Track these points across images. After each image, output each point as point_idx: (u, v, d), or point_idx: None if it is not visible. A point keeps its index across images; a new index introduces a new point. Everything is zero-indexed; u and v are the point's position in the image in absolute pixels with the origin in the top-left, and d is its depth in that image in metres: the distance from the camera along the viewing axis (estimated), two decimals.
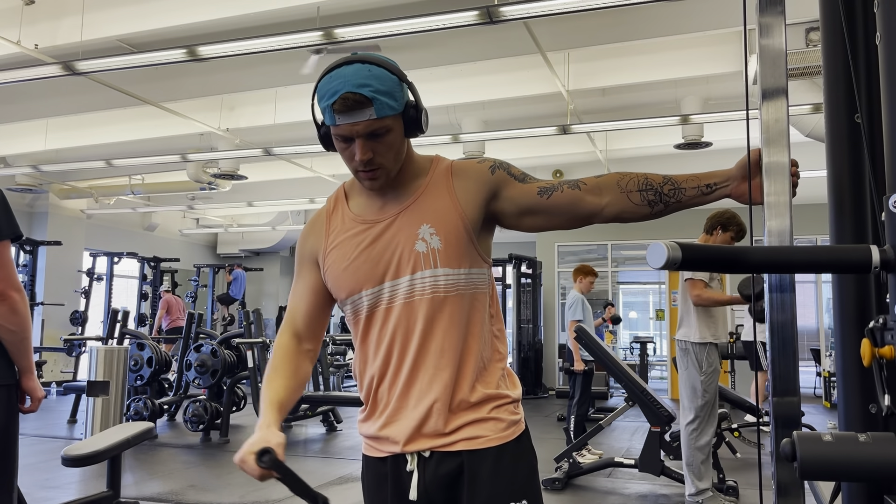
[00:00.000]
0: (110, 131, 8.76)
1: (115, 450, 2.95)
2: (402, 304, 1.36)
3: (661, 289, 12.71)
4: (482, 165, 1.43)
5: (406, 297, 1.36)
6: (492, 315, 1.44)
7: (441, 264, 1.35)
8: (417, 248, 1.36)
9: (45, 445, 6.34)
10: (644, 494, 4.73)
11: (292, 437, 6.94)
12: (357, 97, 1.26)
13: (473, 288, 1.39)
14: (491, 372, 1.40)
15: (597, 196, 1.37)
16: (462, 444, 1.35)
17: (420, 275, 1.36)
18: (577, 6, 4.51)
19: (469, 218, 1.38)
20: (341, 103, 1.27)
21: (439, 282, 1.36)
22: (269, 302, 15.81)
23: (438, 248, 1.36)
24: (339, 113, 1.28)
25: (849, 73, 1.30)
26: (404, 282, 1.36)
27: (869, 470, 0.96)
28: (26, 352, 2.18)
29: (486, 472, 1.34)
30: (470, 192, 1.39)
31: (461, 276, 1.37)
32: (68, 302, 11.52)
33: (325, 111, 1.30)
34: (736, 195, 1.35)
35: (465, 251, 1.37)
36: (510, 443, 1.38)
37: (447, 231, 1.36)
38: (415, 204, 1.39)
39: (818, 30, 2.41)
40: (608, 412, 6.23)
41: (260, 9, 5.43)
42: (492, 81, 7.08)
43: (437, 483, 1.35)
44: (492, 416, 1.37)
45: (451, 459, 1.35)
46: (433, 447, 1.35)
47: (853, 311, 1.28)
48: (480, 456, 1.35)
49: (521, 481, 1.37)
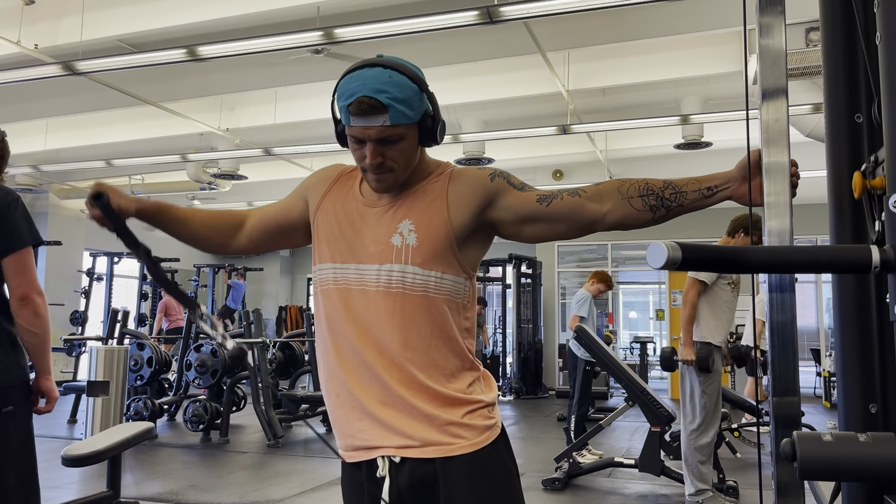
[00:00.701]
0: (110, 131, 8.77)
1: (115, 450, 2.95)
2: (366, 291, 1.36)
3: (661, 289, 12.70)
4: (482, 172, 1.43)
5: (371, 284, 1.36)
6: (466, 329, 1.42)
7: (411, 262, 1.35)
8: (392, 241, 1.36)
9: (45, 445, 6.32)
10: (644, 494, 4.73)
11: (292, 436, 6.94)
12: (373, 102, 1.27)
13: (446, 294, 1.37)
14: (461, 379, 1.38)
15: (598, 203, 1.36)
16: (433, 451, 1.32)
17: (388, 267, 1.35)
18: (577, 6, 4.51)
19: (455, 224, 1.37)
20: (357, 106, 1.28)
21: (406, 279, 1.35)
22: (269, 302, 15.81)
23: (412, 246, 1.35)
24: (354, 115, 1.29)
25: (849, 73, 1.30)
26: (371, 269, 1.36)
27: (869, 470, 0.96)
28: (45, 353, 2.26)
29: (461, 480, 1.32)
30: (463, 198, 1.38)
31: (431, 279, 1.35)
32: (68, 302, 11.52)
33: (342, 110, 1.32)
34: (736, 196, 1.34)
35: (441, 255, 1.36)
36: (486, 448, 1.35)
37: (426, 231, 1.36)
38: (407, 199, 1.39)
39: (818, 30, 2.41)
40: (608, 412, 6.23)
41: (260, 9, 5.43)
42: (492, 81, 7.09)
43: (412, 490, 1.34)
44: (464, 422, 1.34)
45: (424, 466, 1.33)
46: (403, 453, 1.33)
47: (853, 311, 1.28)
48: (454, 463, 1.32)
49: (498, 487, 1.36)
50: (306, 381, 8.63)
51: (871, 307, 1.25)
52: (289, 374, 8.16)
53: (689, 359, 4.06)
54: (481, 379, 1.42)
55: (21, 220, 2.15)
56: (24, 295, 2.13)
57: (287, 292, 16.92)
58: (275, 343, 8.10)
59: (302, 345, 8.42)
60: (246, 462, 5.77)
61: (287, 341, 8.25)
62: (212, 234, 1.55)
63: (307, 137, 8.47)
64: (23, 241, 2.14)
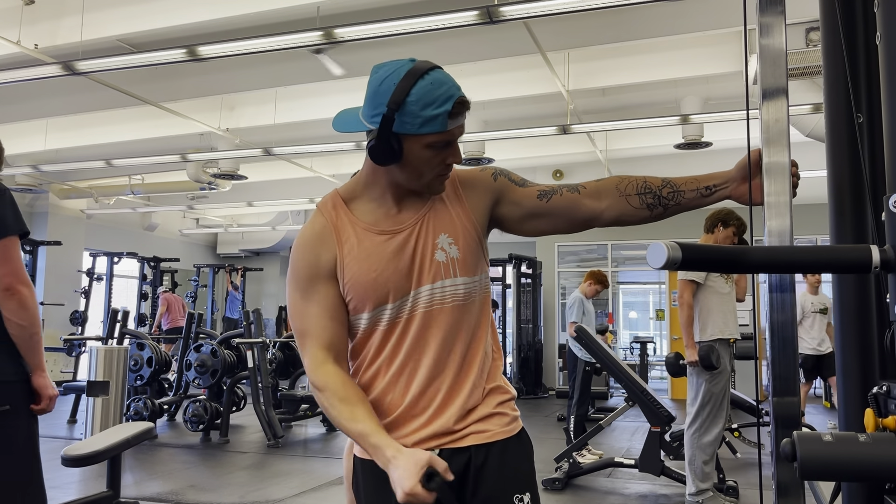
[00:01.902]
0: (110, 131, 8.76)
1: (115, 450, 2.95)
2: (422, 314, 1.36)
3: (661, 289, 12.70)
4: (484, 174, 1.45)
5: (426, 306, 1.36)
6: (490, 313, 1.48)
7: (460, 273, 1.38)
8: (437, 258, 1.37)
9: (45, 445, 6.30)
10: (644, 494, 4.73)
11: (292, 437, 6.94)
12: (467, 100, 1.30)
13: (483, 291, 1.43)
14: (495, 368, 1.44)
15: (596, 200, 1.38)
16: (471, 439, 1.36)
17: (440, 284, 1.36)
18: (577, 6, 4.51)
19: (480, 226, 1.42)
20: (459, 107, 1.28)
21: (459, 290, 1.37)
22: (269, 302, 15.80)
23: (457, 258, 1.37)
24: (454, 117, 1.28)
25: (849, 73, 1.29)
26: (425, 291, 1.36)
27: (869, 470, 0.96)
28: (36, 347, 2.16)
29: (493, 464, 1.36)
30: (478, 201, 1.42)
31: (475, 283, 1.40)
32: (68, 302, 11.51)
33: (436, 119, 1.25)
34: (736, 196, 1.35)
35: (478, 259, 1.42)
36: (513, 437, 1.40)
37: (464, 241, 1.39)
38: (431, 213, 1.39)
39: (818, 30, 2.41)
40: (608, 412, 6.23)
41: (260, 9, 5.43)
42: (492, 81, 7.08)
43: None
44: (497, 412, 1.40)
45: (460, 455, 1.35)
46: (442, 444, 1.35)
47: (853, 311, 1.28)
48: (487, 449, 1.36)
49: (525, 475, 1.40)
50: (306, 381, 8.63)
51: (871, 307, 1.25)
52: (289, 374, 8.17)
53: (693, 360, 4.07)
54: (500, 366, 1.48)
55: (7, 210, 2.10)
56: (10, 285, 2.07)
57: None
58: (275, 343, 8.10)
59: None
60: (246, 462, 5.76)
61: (287, 341, 8.25)
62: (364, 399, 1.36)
63: (307, 137, 8.47)
64: (8, 229, 2.08)
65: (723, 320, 4.14)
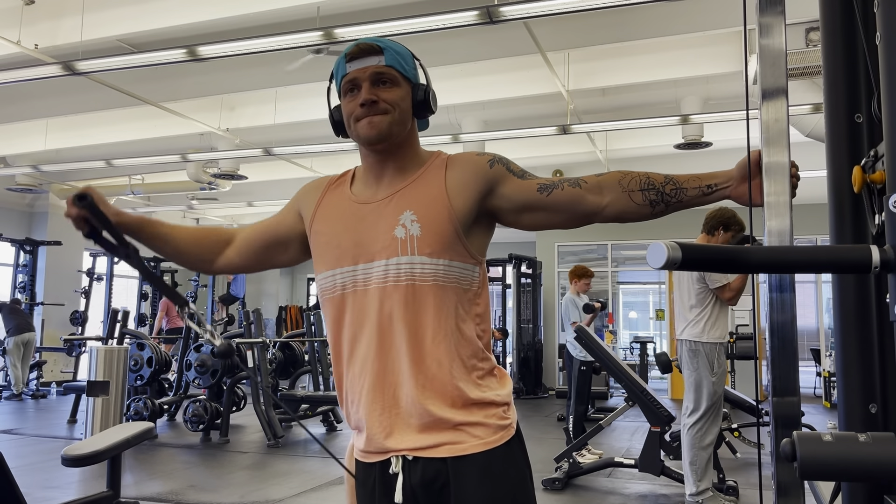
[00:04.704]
0: (110, 131, 8.77)
1: (115, 450, 2.95)
2: (376, 289, 1.33)
3: (661, 289, 12.71)
4: (481, 158, 1.40)
5: (380, 281, 1.33)
6: (479, 314, 1.39)
7: (418, 252, 1.31)
8: (396, 234, 1.33)
9: (45, 445, 6.34)
10: (644, 494, 4.73)
11: (292, 437, 6.94)
12: (370, 45, 1.34)
13: (455, 282, 1.34)
14: (476, 373, 1.35)
15: (598, 195, 1.36)
16: (444, 450, 1.30)
17: (395, 260, 1.32)
18: (577, 6, 4.51)
19: (457, 209, 1.34)
20: (355, 49, 1.34)
21: (415, 269, 1.31)
22: (269, 302, 15.81)
23: (417, 236, 1.32)
24: (350, 60, 1.34)
25: (849, 73, 1.29)
26: (378, 266, 1.33)
27: (869, 470, 0.96)
28: None
29: (473, 480, 1.29)
30: (462, 183, 1.36)
31: (440, 267, 1.32)
32: (68, 302, 11.52)
33: (339, 67, 1.36)
34: (736, 196, 1.34)
35: (447, 242, 1.33)
36: (499, 448, 1.32)
37: (429, 219, 1.33)
38: (404, 190, 1.37)
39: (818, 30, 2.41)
40: (608, 412, 6.23)
41: (260, 9, 5.44)
42: (492, 81, 7.09)
43: (425, 488, 1.31)
44: (477, 421, 1.32)
45: (435, 465, 1.31)
46: (415, 452, 1.31)
47: (853, 311, 1.28)
48: (466, 462, 1.30)
49: (509, 489, 1.32)
50: (306, 381, 8.63)
51: (871, 307, 1.25)
52: (289, 374, 8.16)
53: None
54: (495, 373, 1.39)
55: None
56: None
57: (287, 292, 16.93)
58: (275, 343, 8.10)
59: (302, 345, 8.42)
60: (246, 462, 5.77)
61: (287, 341, 8.25)
62: (197, 250, 1.54)
63: (307, 137, 8.48)
64: None
65: (724, 326, 4.20)
